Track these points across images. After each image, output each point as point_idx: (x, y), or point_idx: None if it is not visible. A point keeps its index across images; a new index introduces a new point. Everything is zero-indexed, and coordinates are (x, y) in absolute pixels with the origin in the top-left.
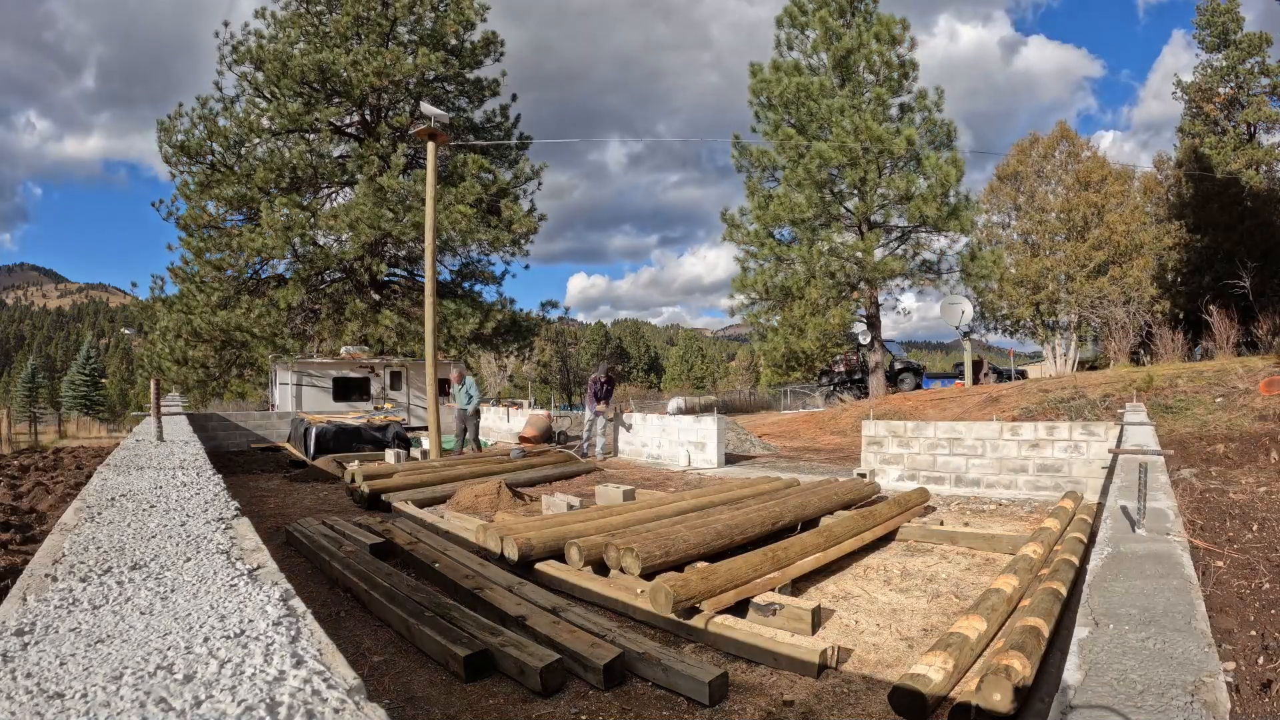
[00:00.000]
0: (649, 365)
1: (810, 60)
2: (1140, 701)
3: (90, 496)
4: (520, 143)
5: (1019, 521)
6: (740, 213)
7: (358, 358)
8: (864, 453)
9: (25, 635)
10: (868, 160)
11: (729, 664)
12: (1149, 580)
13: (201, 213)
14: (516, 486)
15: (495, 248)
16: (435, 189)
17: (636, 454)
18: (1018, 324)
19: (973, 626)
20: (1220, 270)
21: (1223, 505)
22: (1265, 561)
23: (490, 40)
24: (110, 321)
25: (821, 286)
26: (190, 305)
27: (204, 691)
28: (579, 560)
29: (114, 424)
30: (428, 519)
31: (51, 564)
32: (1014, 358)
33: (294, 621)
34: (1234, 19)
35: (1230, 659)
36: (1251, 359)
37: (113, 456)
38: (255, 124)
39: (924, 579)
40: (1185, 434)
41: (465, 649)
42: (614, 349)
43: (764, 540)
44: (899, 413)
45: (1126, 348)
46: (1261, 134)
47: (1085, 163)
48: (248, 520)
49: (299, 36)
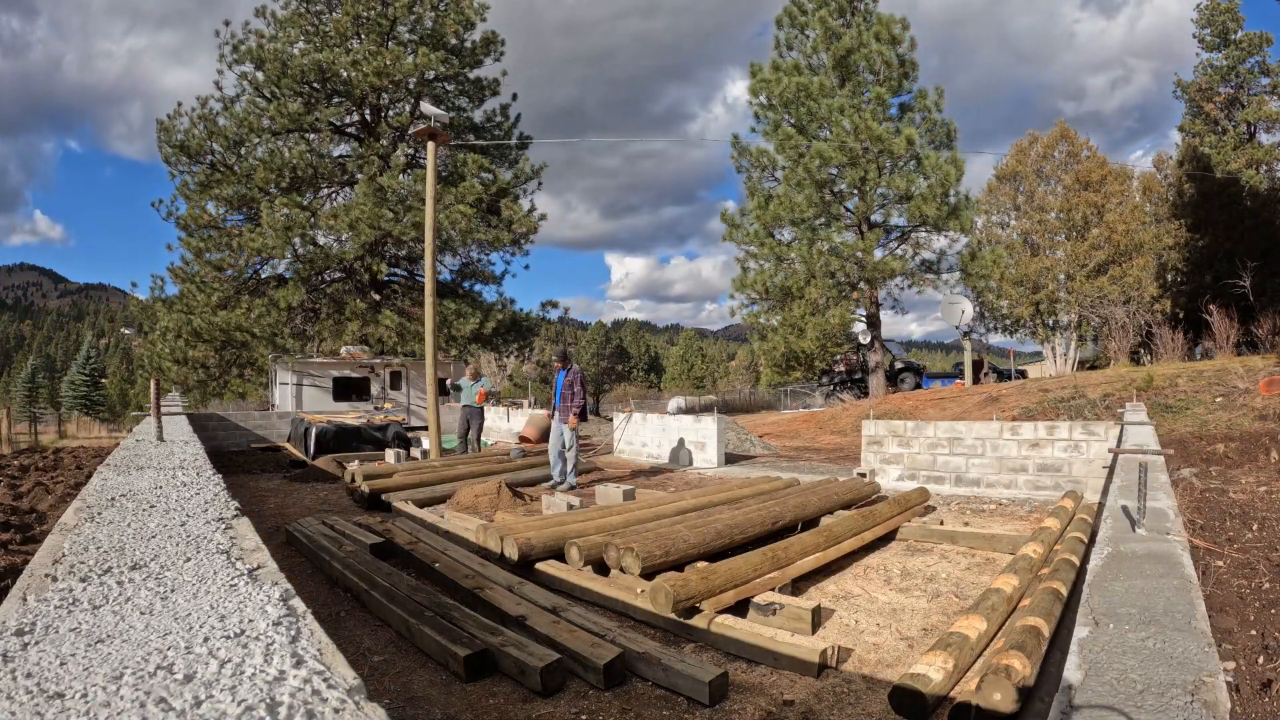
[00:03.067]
0: (649, 365)
1: (810, 60)
2: (1140, 701)
3: (90, 496)
4: (520, 142)
5: (1019, 521)
6: (740, 213)
7: (358, 358)
8: (864, 452)
9: (25, 635)
10: (868, 160)
11: (729, 664)
12: (1149, 580)
13: (201, 213)
14: (516, 486)
15: (495, 247)
16: (435, 189)
17: (636, 454)
18: (1018, 324)
19: (973, 626)
20: (1220, 270)
21: (1223, 505)
22: (1265, 561)
23: (490, 40)
24: (110, 321)
25: (821, 286)
26: (190, 305)
27: (204, 691)
28: (579, 560)
29: (114, 424)
30: (428, 519)
31: (51, 564)
32: (1014, 357)
33: (294, 621)
34: (1234, 18)
35: (1230, 659)
36: (1251, 358)
37: (113, 456)
38: (255, 124)
39: (924, 579)
40: (1185, 434)
41: (465, 649)
42: (614, 349)
43: (764, 540)
44: (899, 412)
45: (1126, 347)
46: (1261, 134)
47: (1085, 162)
48: (248, 520)
49: (299, 36)
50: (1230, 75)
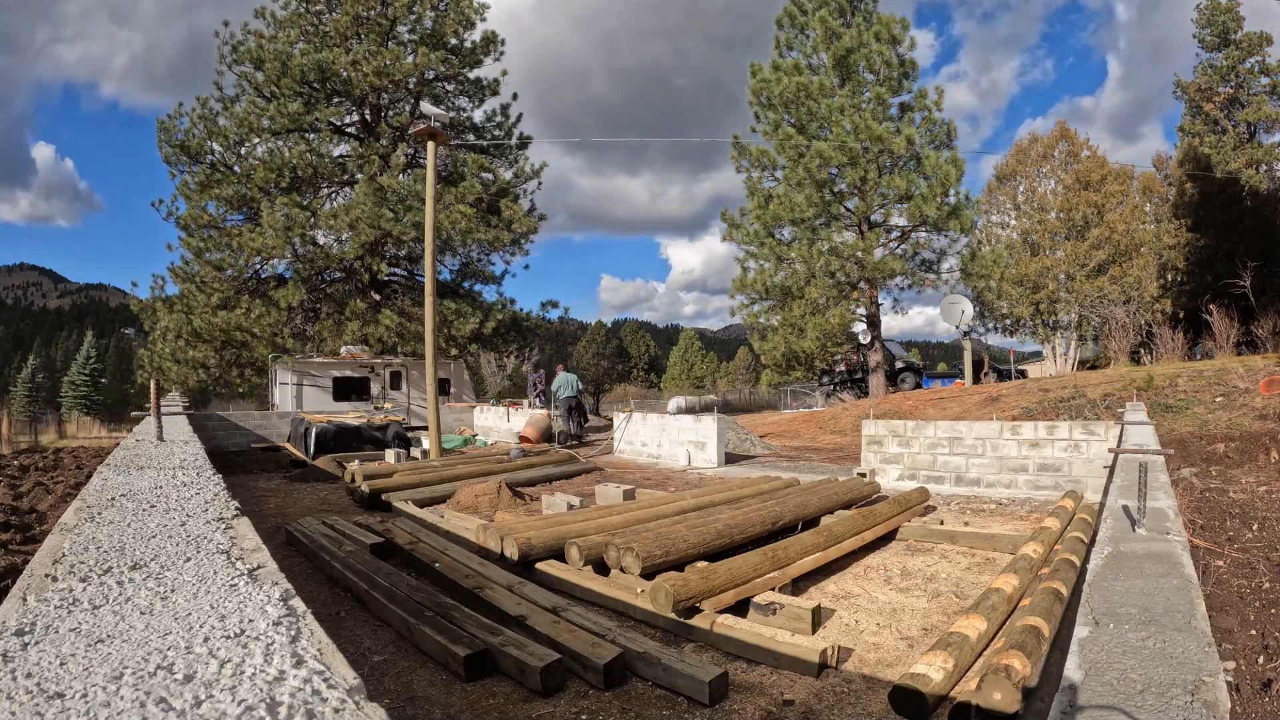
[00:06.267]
0: (649, 365)
1: (810, 60)
2: (1141, 701)
3: (90, 496)
4: (520, 142)
5: (1019, 521)
6: (740, 212)
7: (358, 357)
8: (864, 452)
9: (25, 635)
10: (868, 160)
11: (729, 663)
12: (1149, 580)
13: (201, 213)
14: (516, 486)
15: (495, 247)
16: (435, 189)
17: (636, 454)
18: (1018, 324)
19: (973, 626)
20: (1220, 270)
21: (1223, 504)
22: (1265, 561)
23: (490, 39)
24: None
25: (821, 286)
26: (190, 305)
27: (204, 691)
28: (579, 560)
29: (114, 424)
30: (428, 519)
31: (52, 564)
32: (1014, 357)
33: (294, 621)
34: (1234, 18)
35: (1230, 658)
36: (1252, 358)
37: (113, 456)
38: (255, 124)
39: (924, 578)
40: (1185, 433)
41: (465, 648)
42: (614, 348)
43: (764, 540)
44: (899, 412)
45: (1127, 347)
46: (1261, 134)
47: (1085, 162)
48: (248, 520)
49: (299, 36)
50: (1230, 75)
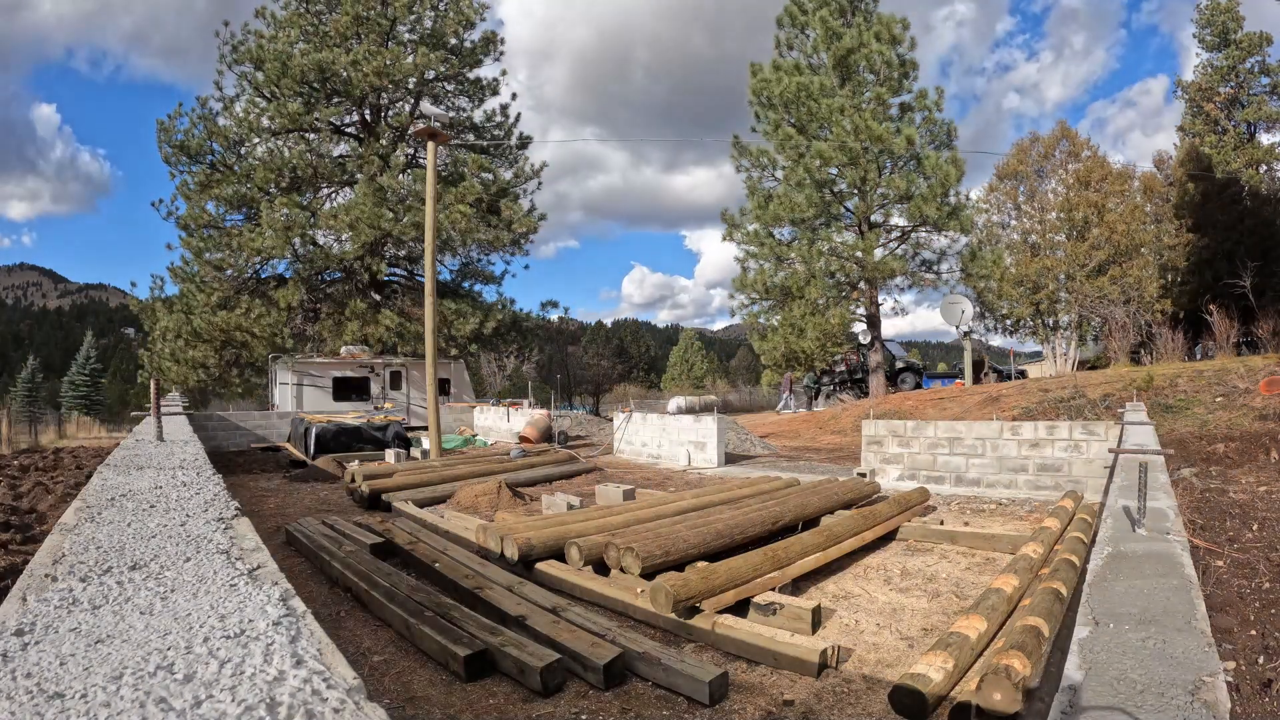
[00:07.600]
0: (649, 365)
1: (810, 60)
2: (1141, 701)
3: (90, 496)
4: (520, 142)
5: (1019, 521)
6: (740, 212)
7: (358, 358)
8: (864, 452)
9: (25, 635)
10: (868, 160)
11: (729, 663)
12: (1149, 580)
13: (201, 213)
14: (516, 486)
15: (495, 247)
16: (435, 189)
17: (636, 454)
18: (1018, 324)
19: (973, 626)
20: (1220, 270)
21: (1223, 505)
22: (1265, 561)
23: (490, 39)
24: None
25: (821, 286)
26: (190, 305)
27: (204, 691)
28: (579, 560)
29: (114, 424)
30: (428, 519)
31: (51, 564)
32: (1014, 357)
33: (294, 621)
34: (1234, 18)
35: (1230, 658)
36: (1252, 358)
37: (113, 456)
38: (255, 124)
39: (924, 578)
40: (1185, 433)
41: (465, 649)
42: (614, 348)
43: (764, 540)
44: (899, 412)
45: (1127, 347)
46: (1261, 134)
47: (1085, 162)
48: (248, 520)
49: (299, 36)
50: (1230, 75)
